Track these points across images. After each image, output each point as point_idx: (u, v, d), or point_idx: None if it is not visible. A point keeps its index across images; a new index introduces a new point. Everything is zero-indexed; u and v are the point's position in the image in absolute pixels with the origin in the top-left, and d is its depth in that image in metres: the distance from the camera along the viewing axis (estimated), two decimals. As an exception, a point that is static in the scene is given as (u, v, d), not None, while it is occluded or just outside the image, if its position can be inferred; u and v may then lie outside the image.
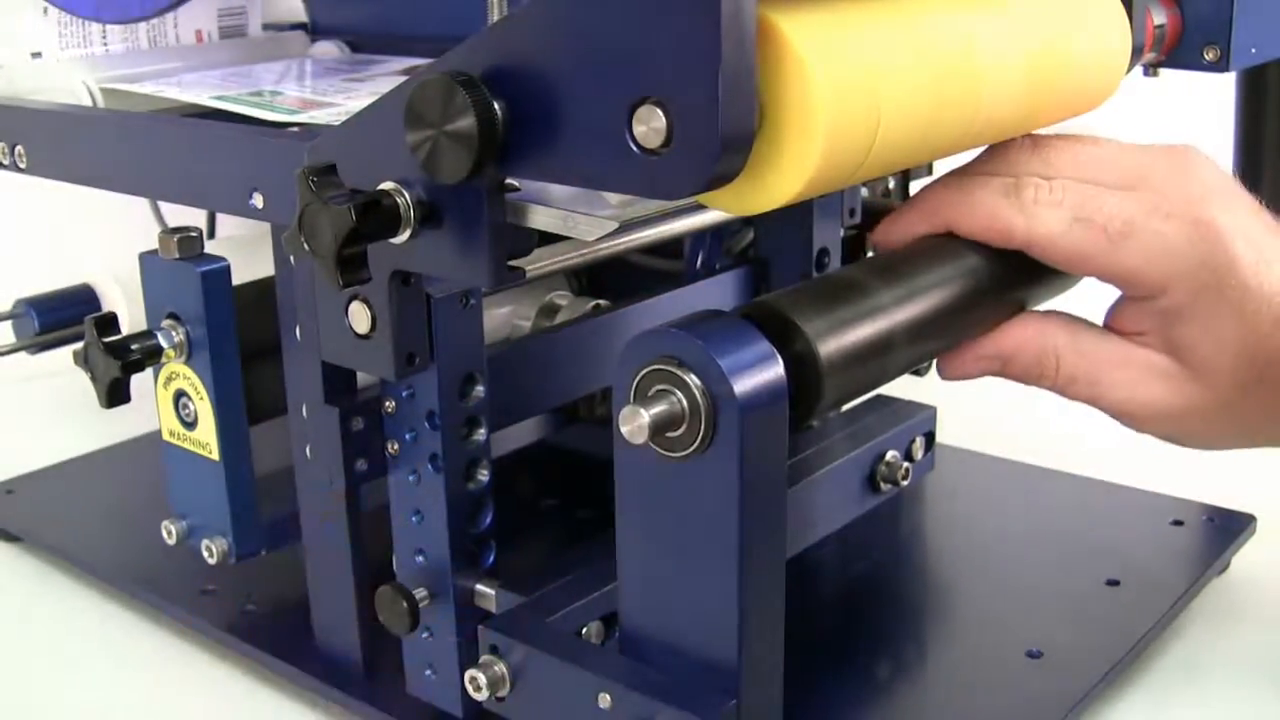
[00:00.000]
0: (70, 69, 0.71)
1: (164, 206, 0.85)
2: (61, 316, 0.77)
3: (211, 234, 0.86)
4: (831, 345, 0.46)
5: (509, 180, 0.45)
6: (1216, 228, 0.50)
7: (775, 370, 0.43)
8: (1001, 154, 0.54)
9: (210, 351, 0.56)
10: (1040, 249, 0.51)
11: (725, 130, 0.37)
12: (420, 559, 0.55)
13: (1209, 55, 0.62)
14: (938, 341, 0.51)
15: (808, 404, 0.45)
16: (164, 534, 0.61)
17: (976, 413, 0.79)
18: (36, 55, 0.72)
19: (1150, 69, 0.63)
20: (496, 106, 0.41)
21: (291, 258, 0.53)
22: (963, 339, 0.52)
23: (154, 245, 0.57)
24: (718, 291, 0.69)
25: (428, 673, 0.56)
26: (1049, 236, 0.50)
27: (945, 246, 0.52)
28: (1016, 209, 0.51)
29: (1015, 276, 0.53)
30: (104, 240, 1.03)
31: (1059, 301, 0.56)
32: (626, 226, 0.50)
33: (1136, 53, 0.57)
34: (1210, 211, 0.50)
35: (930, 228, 0.53)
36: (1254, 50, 0.63)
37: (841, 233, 0.72)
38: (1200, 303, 0.50)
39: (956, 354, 0.53)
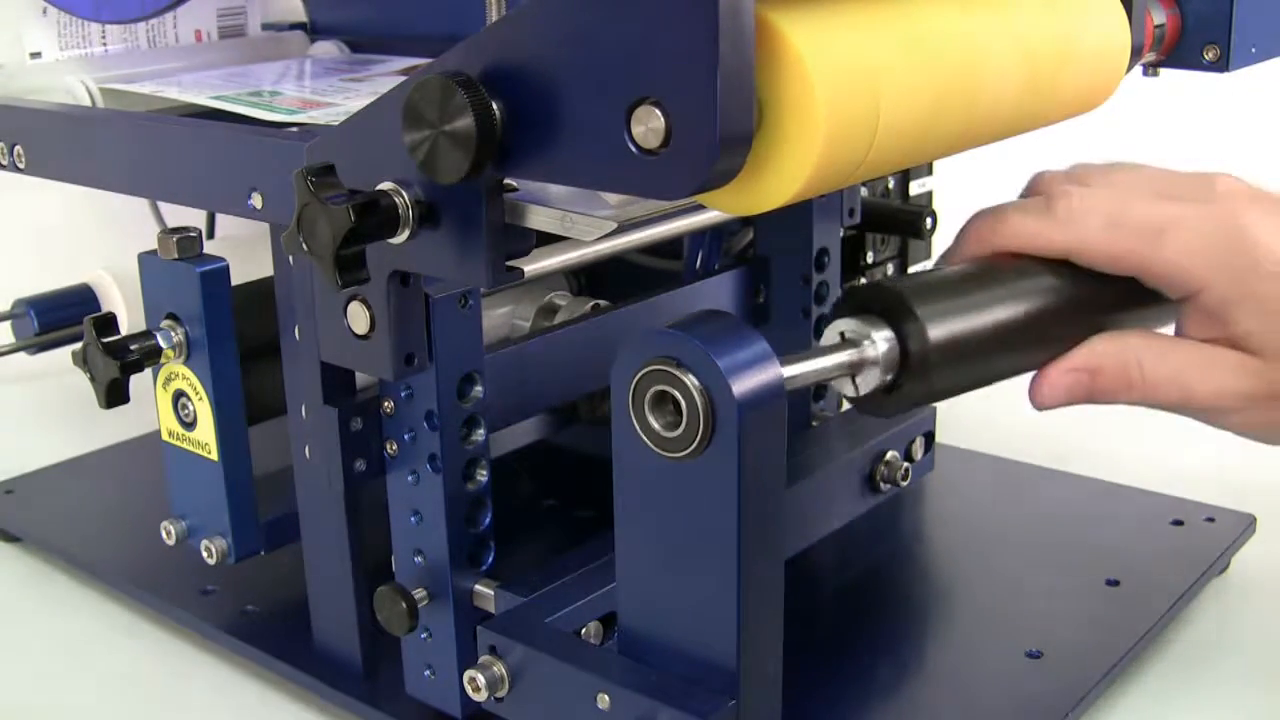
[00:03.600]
0: (70, 69, 0.71)
1: (163, 206, 0.85)
2: (61, 316, 0.78)
3: (211, 234, 0.86)
4: (942, 331, 0.48)
5: (507, 180, 0.45)
6: (1242, 218, 0.52)
7: (773, 370, 0.43)
8: (1037, 180, 0.57)
9: (209, 352, 0.56)
10: (1079, 254, 0.53)
11: (724, 130, 0.37)
12: (419, 559, 0.55)
13: (1209, 55, 0.62)
14: (1039, 349, 0.52)
15: (914, 386, 0.48)
16: (163, 534, 0.61)
17: (976, 413, 0.79)
18: (36, 55, 0.72)
19: (1150, 69, 0.63)
20: (495, 107, 0.41)
21: (290, 258, 0.53)
22: (1057, 351, 0.53)
23: (153, 245, 0.57)
24: (717, 291, 0.69)
25: (426, 673, 0.56)
26: (1084, 241, 0.53)
27: (1029, 265, 0.53)
28: (1052, 221, 0.53)
29: (1099, 296, 0.54)
30: (104, 240, 1.04)
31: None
32: (625, 226, 0.50)
33: (1136, 52, 0.56)
34: (1238, 205, 0.52)
35: (983, 255, 0.55)
36: (1254, 50, 0.63)
37: (841, 233, 0.72)
38: (1243, 288, 0.51)
39: (1045, 373, 0.54)
